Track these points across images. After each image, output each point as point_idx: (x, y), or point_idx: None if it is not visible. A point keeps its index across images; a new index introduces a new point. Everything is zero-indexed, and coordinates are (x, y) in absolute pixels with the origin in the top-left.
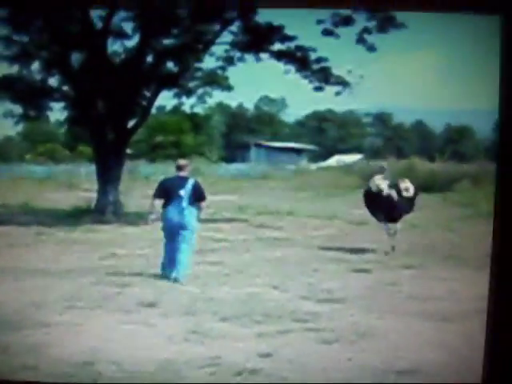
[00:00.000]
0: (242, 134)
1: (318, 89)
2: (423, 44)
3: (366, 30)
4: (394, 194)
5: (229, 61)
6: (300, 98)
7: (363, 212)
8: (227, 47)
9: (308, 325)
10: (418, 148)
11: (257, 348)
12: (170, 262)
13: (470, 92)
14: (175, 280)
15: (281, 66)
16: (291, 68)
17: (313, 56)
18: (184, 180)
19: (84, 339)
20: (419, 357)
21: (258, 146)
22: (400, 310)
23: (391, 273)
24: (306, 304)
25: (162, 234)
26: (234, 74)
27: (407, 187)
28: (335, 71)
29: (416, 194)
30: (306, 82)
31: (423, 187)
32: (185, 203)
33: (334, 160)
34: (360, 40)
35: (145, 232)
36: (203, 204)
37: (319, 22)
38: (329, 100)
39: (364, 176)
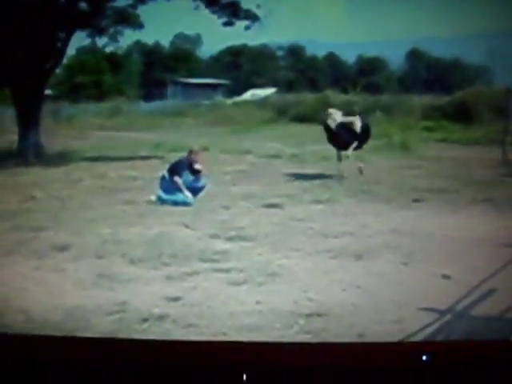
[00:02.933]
0: (159, 72)
1: (228, 24)
2: None
3: None
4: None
5: None
6: (214, 34)
7: (276, 145)
8: None
9: (217, 265)
10: (331, 80)
11: (164, 292)
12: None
13: (381, 23)
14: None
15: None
16: (200, 4)
17: None
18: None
19: None
20: (329, 298)
21: (175, 82)
22: (309, 248)
23: (302, 208)
24: (216, 243)
25: (79, 175)
26: (147, 11)
27: (352, 121)
28: (244, 5)
29: (363, 128)
30: (217, 18)
31: None
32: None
33: (249, 94)
34: None
35: (65, 173)
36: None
37: None
38: (242, 35)
39: (278, 109)
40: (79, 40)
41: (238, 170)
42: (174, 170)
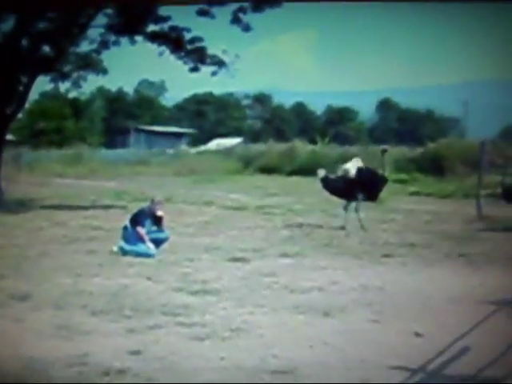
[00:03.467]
0: (122, 119)
1: (194, 69)
2: (299, 24)
3: (241, 10)
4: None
5: (104, 44)
6: (179, 81)
7: (241, 197)
8: (102, 30)
9: (179, 319)
10: (299, 130)
11: (126, 345)
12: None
13: (351, 73)
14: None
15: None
16: (166, 49)
17: (187, 36)
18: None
19: None
20: (296, 355)
21: (138, 130)
22: (275, 304)
23: (268, 262)
24: (179, 296)
25: (40, 223)
26: (111, 57)
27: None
28: (210, 51)
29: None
30: (183, 64)
31: (304, 170)
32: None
33: (214, 144)
34: (235, 19)
35: (25, 221)
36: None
37: (194, 0)
38: (207, 82)
39: (243, 160)
40: (42, 85)
41: (201, 222)
42: (136, 220)
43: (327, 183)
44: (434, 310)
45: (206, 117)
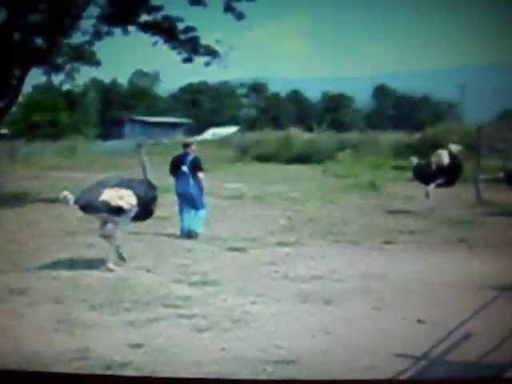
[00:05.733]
0: (116, 110)
1: (187, 60)
2: (292, 10)
3: None
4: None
5: (97, 35)
6: (173, 71)
7: (239, 186)
8: (94, 21)
9: (180, 311)
10: (295, 118)
11: (127, 338)
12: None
13: (346, 58)
14: (189, 234)
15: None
16: (159, 39)
17: (180, 26)
18: (186, 156)
19: None
20: (298, 344)
21: (133, 121)
22: (276, 293)
23: (267, 251)
24: (179, 288)
25: (36, 216)
26: (105, 48)
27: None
28: (204, 41)
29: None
30: (177, 54)
31: (302, 158)
32: (187, 176)
33: (210, 133)
34: (228, 8)
35: (21, 215)
36: (200, 174)
37: None
38: (202, 71)
39: (240, 148)
40: (35, 77)
41: None
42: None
43: (419, 171)
44: (436, 297)
45: (201, 106)
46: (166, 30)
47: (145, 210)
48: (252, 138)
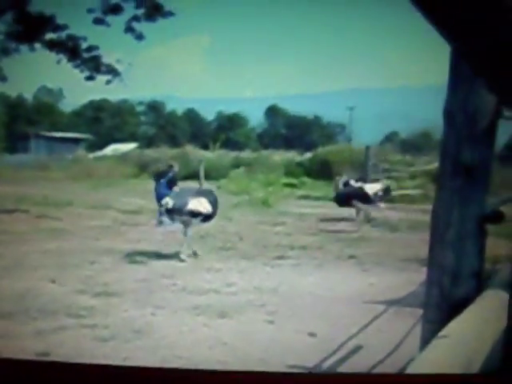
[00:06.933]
0: (22, 125)
1: (90, 78)
2: (191, 30)
3: (135, 18)
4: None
5: (5, 51)
6: (76, 88)
7: (138, 201)
8: (1, 37)
9: (83, 321)
10: (191, 136)
11: (34, 347)
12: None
13: (241, 79)
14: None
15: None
16: (63, 57)
17: (84, 45)
18: (168, 172)
19: None
20: (196, 355)
21: (38, 136)
22: (175, 305)
23: (166, 264)
24: (82, 298)
25: None
26: (11, 64)
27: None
28: (105, 60)
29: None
30: (80, 72)
31: (197, 175)
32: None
33: (110, 149)
34: (128, 28)
35: None
36: (175, 188)
37: (90, 10)
38: (103, 89)
39: (139, 165)
40: None
41: (101, 226)
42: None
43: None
44: (327, 311)
45: (102, 123)
46: (70, 49)
47: (213, 213)
48: (150, 155)
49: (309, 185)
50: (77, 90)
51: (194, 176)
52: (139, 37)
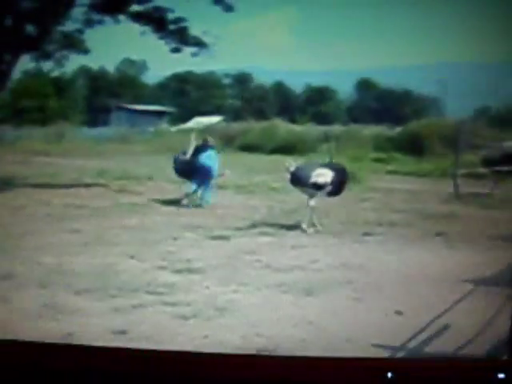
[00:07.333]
0: (104, 98)
1: (176, 50)
2: (280, 3)
3: None
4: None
5: (88, 23)
6: (160, 60)
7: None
8: (86, 9)
9: (164, 298)
10: (279, 109)
11: (111, 324)
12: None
13: (330, 52)
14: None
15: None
16: (148, 29)
17: (170, 16)
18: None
19: None
20: (279, 333)
21: (119, 108)
22: (258, 282)
23: (250, 240)
24: (163, 275)
25: (22, 201)
26: (93, 36)
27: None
28: (192, 32)
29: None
30: (165, 44)
31: (285, 149)
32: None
33: (194, 122)
34: (218, 0)
35: (7, 199)
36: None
37: None
38: (189, 61)
39: (224, 138)
40: (24, 63)
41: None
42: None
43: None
44: (414, 289)
45: (187, 95)
46: (156, 20)
47: (336, 189)
48: (236, 128)
49: (398, 160)
50: (161, 62)
51: (282, 150)
52: (228, 8)
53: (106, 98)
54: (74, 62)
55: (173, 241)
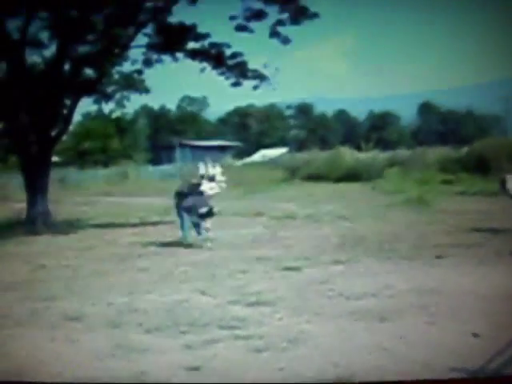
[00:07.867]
0: (166, 135)
1: (236, 84)
2: (335, 31)
3: (280, 23)
4: None
5: (147, 63)
6: (220, 95)
7: (290, 206)
8: (144, 50)
9: (236, 332)
10: (343, 137)
11: (183, 361)
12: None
13: (389, 77)
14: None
15: (197, 64)
16: (207, 65)
17: (228, 52)
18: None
19: (10, 360)
20: (355, 362)
21: (183, 145)
22: (331, 311)
23: (321, 270)
24: (234, 309)
25: (90, 242)
26: (153, 75)
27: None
28: (251, 65)
29: None
30: (224, 79)
31: (351, 176)
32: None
33: (260, 155)
34: (274, 33)
35: (74, 241)
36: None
37: (232, 18)
38: (249, 95)
39: (289, 169)
40: (85, 106)
41: (251, 233)
42: None
43: None
44: (490, 310)
45: (249, 129)
46: (214, 57)
47: None
48: (301, 158)
49: (466, 180)
50: (221, 97)
51: (347, 178)
52: (285, 41)
53: (168, 135)
54: (135, 102)
55: (242, 274)
